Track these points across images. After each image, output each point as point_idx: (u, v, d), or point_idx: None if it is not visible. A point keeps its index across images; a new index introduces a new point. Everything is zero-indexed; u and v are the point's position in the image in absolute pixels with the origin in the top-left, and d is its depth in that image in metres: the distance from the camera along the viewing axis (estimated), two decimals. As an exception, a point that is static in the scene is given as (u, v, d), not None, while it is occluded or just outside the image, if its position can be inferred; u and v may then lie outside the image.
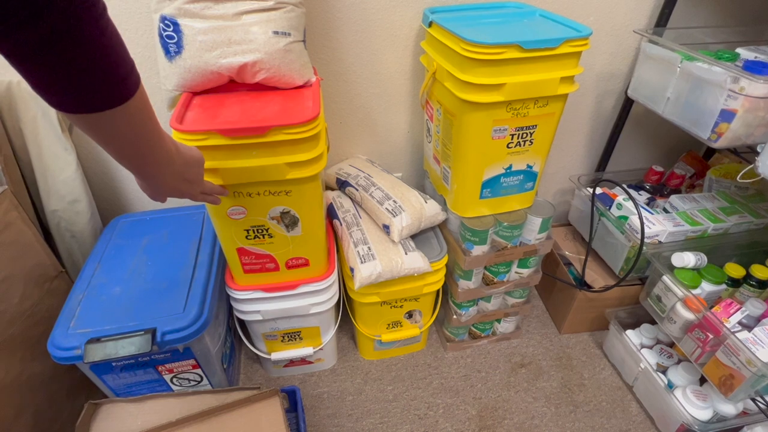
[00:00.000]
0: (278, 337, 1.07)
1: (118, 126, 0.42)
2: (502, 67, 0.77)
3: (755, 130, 0.85)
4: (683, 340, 0.98)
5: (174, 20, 0.73)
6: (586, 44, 0.79)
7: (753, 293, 1.00)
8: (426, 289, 1.05)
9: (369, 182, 1.06)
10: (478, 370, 1.22)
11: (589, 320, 1.28)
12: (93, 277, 0.90)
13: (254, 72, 0.77)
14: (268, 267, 0.91)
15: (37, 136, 0.92)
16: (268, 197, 0.79)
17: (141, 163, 0.49)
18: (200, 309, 0.84)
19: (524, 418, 1.11)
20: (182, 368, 0.89)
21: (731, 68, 0.83)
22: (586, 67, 1.16)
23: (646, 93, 1.06)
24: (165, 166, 0.52)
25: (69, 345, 0.76)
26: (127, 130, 0.43)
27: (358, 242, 0.99)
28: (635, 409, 1.13)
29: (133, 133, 0.44)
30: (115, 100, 0.40)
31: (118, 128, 0.42)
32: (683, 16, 1.12)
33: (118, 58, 0.39)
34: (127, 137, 0.44)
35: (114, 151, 0.46)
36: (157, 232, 1.02)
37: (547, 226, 1.02)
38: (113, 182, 1.11)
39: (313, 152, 0.75)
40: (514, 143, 0.89)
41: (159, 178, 0.54)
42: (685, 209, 1.12)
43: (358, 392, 1.15)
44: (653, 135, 1.37)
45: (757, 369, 0.81)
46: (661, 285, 1.03)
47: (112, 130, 0.42)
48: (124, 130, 0.43)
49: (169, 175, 0.54)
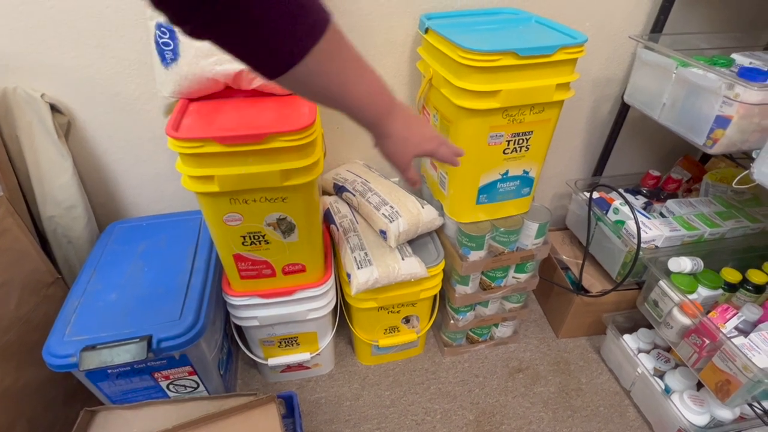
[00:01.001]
0: (275, 343, 1.07)
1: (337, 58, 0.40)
2: (498, 74, 0.77)
3: (750, 136, 0.85)
4: (680, 345, 0.98)
5: (170, 27, 0.73)
6: (582, 51, 0.79)
7: (749, 298, 1.01)
8: (423, 295, 1.05)
9: (366, 187, 1.06)
10: (476, 375, 1.21)
11: (586, 325, 1.28)
12: (89, 283, 0.90)
13: (250, 78, 0.77)
14: (265, 273, 0.91)
15: (33, 142, 0.92)
16: (265, 204, 0.79)
17: (376, 93, 0.46)
18: (196, 315, 0.84)
19: (522, 423, 1.10)
20: (178, 375, 0.89)
21: (726, 75, 0.83)
22: (583, 73, 1.16)
23: (642, 99, 1.06)
24: (393, 98, 0.49)
25: (64, 352, 0.76)
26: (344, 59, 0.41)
27: (355, 248, 0.99)
28: (632, 414, 1.13)
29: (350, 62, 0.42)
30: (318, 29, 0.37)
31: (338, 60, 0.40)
32: (679, 22, 1.13)
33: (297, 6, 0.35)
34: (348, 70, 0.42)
35: (347, 91, 0.43)
36: (154, 237, 1.02)
37: (543, 232, 1.03)
38: (110, 188, 1.11)
39: (309, 159, 0.75)
40: (511, 149, 0.89)
41: (397, 116, 0.50)
42: (682, 214, 1.12)
43: (356, 397, 1.15)
44: (650, 139, 1.37)
45: (753, 375, 0.81)
46: (657, 290, 1.04)
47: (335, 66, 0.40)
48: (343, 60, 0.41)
49: (401, 110, 0.51)
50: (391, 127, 0.51)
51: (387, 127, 0.50)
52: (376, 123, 0.49)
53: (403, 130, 0.52)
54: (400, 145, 0.53)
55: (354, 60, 0.43)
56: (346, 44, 0.41)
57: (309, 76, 0.39)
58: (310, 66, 0.37)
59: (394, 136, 0.52)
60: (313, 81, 0.40)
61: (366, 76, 0.45)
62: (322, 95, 0.42)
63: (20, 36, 0.87)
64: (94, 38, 0.89)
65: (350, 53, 0.42)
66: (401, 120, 0.51)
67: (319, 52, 0.37)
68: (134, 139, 1.04)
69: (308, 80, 0.39)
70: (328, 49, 0.38)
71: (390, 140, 0.52)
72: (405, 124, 0.52)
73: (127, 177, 1.10)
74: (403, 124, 0.52)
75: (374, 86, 0.46)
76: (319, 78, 0.40)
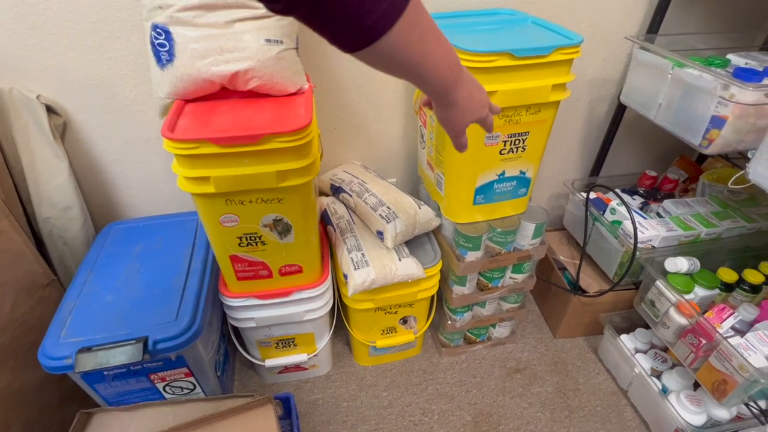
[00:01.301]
0: (272, 344, 1.07)
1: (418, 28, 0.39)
2: (494, 75, 0.77)
3: (746, 136, 0.86)
4: (677, 345, 0.98)
5: (166, 28, 0.73)
6: (578, 52, 0.79)
7: (746, 298, 1.01)
8: (420, 295, 1.05)
9: (363, 188, 1.06)
10: (473, 375, 1.21)
11: (583, 325, 1.29)
12: (85, 285, 0.90)
13: (246, 80, 0.77)
14: (262, 274, 0.91)
15: (29, 143, 0.92)
16: (261, 205, 0.79)
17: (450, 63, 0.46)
18: (193, 317, 0.83)
19: (519, 423, 1.10)
20: (175, 376, 0.88)
21: (721, 75, 0.83)
22: (580, 73, 1.17)
23: (638, 99, 1.06)
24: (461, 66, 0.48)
25: (60, 354, 0.76)
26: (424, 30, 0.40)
27: (352, 248, 0.99)
28: (630, 414, 1.13)
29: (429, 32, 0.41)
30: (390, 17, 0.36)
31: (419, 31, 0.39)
32: (675, 23, 1.13)
33: None
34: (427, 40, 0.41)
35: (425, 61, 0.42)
36: (150, 239, 1.02)
37: (540, 232, 1.03)
38: (106, 189, 1.11)
39: (305, 160, 0.75)
40: (507, 150, 0.89)
41: (463, 85, 0.49)
42: (678, 214, 1.12)
43: (353, 398, 1.15)
44: (646, 140, 1.37)
45: (749, 375, 0.81)
46: (654, 290, 1.04)
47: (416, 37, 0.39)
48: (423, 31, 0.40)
49: (466, 77, 0.50)
50: (458, 96, 0.50)
51: (455, 95, 0.50)
52: (446, 92, 0.49)
53: (468, 97, 0.51)
54: (461, 114, 0.53)
55: (432, 29, 0.42)
56: (425, 14, 0.40)
57: (392, 48, 0.38)
58: (394, 38, 0.37)
59: (459, 104, 0.51)
60: (396, 53, 0.39)
61: (442, 46, 0.44)
62: (402, 66, 0.42)
63: (16, 37, 0.86)
64: (90, 39, 0.89)
65: (429, 23, 0.41)
66: (467, 88, 0.51)
67: (403, 24, 0.37)
68: (130, 140, 1.04)
69: (391, 52, 0.39)
70: (410, 21, 0.37)
71: (455, 109, 0.52)
72: (469, 92, 0.51)
73: (123, 178, 1.10)
74: (468, 91, 0.51)
75: (449, 56, 0.46)
76: (402, 50, 0.39)
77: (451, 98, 0.50)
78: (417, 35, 0.39)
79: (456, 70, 0.48)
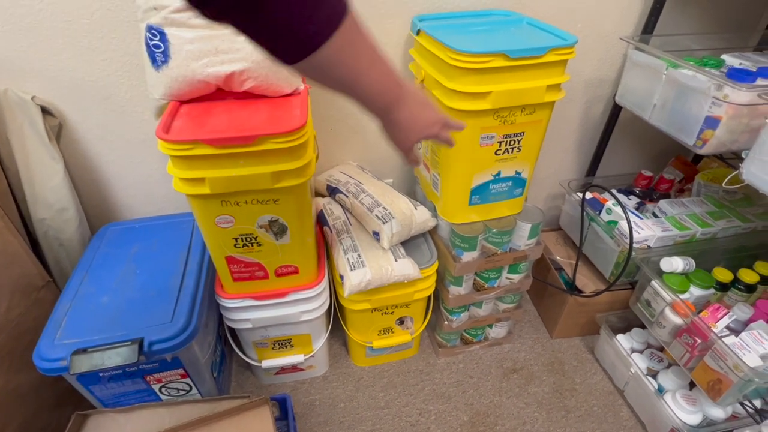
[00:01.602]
0: (269, 345, 1.07)
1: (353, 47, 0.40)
2: (489, 76, 0.77)
3: (739, 136, 0.86)
4: (672, 345, 0.99)
5: (160, 30, 0.73)
6: (572, 53, 0.79)
7: (741, 297, 1.01)
8: (417, 296, 1.05)
9: (359, 189, 1.06)
10: (470, 375, 1.22)
11: (580, 325, 1.29)
12: (80, 286, 0.90)
13: (242, 80, 0.77)
14: (258, 275, 0.91)
15: (24, 144, 0.92)
16: (256, 206, 0.79)
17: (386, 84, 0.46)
18: (188, 318, 0.83)
19: (516, 423, 1.11)
20: (171, 378, 0.88)
21: (715, 76, 0.84)
22: (575, 74, 1.17)
23: (634, 99, 1.07)
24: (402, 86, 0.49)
25: (54, 356, 0.76)
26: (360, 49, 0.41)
27: (348, 249, 0.99)
28: (626, 413, 1.13)
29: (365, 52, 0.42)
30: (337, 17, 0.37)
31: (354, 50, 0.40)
32: (670, 23, 1.13)
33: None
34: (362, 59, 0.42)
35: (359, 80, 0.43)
36: (146, 240, 1.02)
37: (536, 232, 1.03)
38: (102, 190, 1.11)
39: (300, 161, 0.75)
40: (502, 150, 0.89)
41: (405, 104, 0.50)
42: (674, 214, 1.13)
43: (350, 399, 1.15)
44: (642, 140, 1.38)
45: (744, 374, 0.81)
46: (650, 290, 1.04)
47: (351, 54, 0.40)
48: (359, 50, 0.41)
49: (409, 96, 0.50)
50: (399, 115, 0.51)
51: (395, 114, 0.50)
52: (385, 111, 0.50)
53: (410, 117, 0.52)
54: (405, 132, 0.53)
55: (370, 50, 0.43)
56: (364, 33, 0.41)
57: (326, 63, 0.39)
58: (327, 54, 0.38)
59: (400, 123, 0.52)
60: (330, 69, 0.40)
61: (379, 66, 0.45)
62: (338, 81, 0.43)
63: (11, 38, 0.86)
64: (85, 40, 0.89)
65: (367, 43, 0.42)
66: (409, 107, 0.51)
67: (337, 40, 0.37)
68: (126, 142, 1.04)
69: (324, 68, 0.40)
70: (346, 38, 0.38)
71: (396, 127, 0.52)
72: (412, 111, 0.52)
73: (118, 179, 1.10)
74: (410, 111, 0.52)
75: (387, 76, 0.46)
76: (336, 66, 0.40)
77: (392, 117, 0.50)
78: (354, 50, 0.40)
79: (396, 90, 0.48)
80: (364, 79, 0.44)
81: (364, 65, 0.43)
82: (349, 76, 0.43)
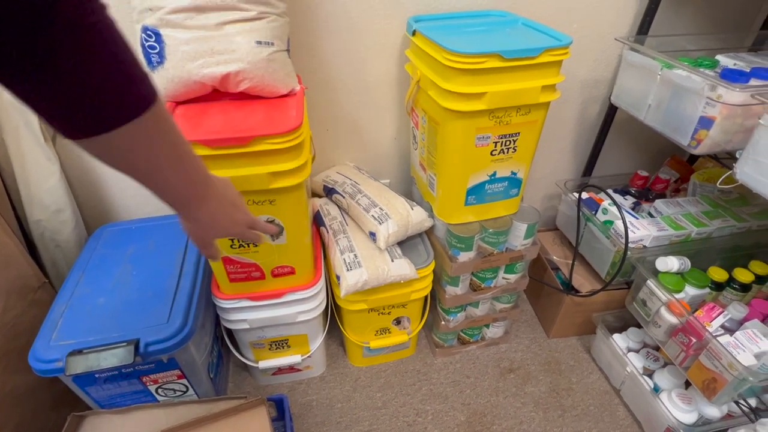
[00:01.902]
0: (266, 346, 1.07)
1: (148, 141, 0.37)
2: (484, 76, 0.78)
3: (733, 136, 0.86)
4: (668, 344, 0.99)
5: (156, 30, 0.73)
6: (567, 53, 0.80)
7: (736, 297, 1.02)
8: (413, 296, 1.05)
9: (356, 189, 1.06)
10: (467, 375, 1.22)
11: (577, 324, 1.29)
12: (77, 287, 0.90)
13: (237, 81, 0.77)
14: (254, 276, 0.91)
15: (20, 146, 0.92)
16: (252, 206, 0.79)
17: (185, 182, 0.43)
18: (184, 319, 0.83)
19: (513, 423, 1.11)
20: (167, 379, 0.88)
21: (709, 76, 0.84)
22: (571, 74, 1.17)
23: (629, 100, 1.07)
24: (207, 186, 0.46)
25: (50, 357, 0.76)
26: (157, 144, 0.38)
27: (345, 250, 0.99)
28: (622, 412, 1.13)
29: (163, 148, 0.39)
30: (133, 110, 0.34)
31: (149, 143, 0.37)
32: (665, 24, 1.14)
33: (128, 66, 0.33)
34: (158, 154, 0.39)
35: (152, 173, 0.40)
36: (143, 241, 1.02)
37: (532, 232, 1.03)
38: (98, 191, 1.10)
39: (296, 161, 0.75)
40: (498, 151, 0.90)
41: (207, 203, 0.47)
42: (669, 213, 1.13)
43: (347, 399, 1.15)
44: (638, 140, 1.38)
45: (738, 373, 0.81)
46: (646, 289, 1.04)
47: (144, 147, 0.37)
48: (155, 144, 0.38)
49: (214, 197, 0.47)
50: (198, 213, 0.48)
51: (193, 212, 0.47)
52: (181, 208, 0.46)
53: (212, 217, 0.49)
54: (202, 230, 0.51)
55: (171, 147, 0.40)
56: (166, 130, 0.38)
57: (114, 148, 0.36)
58: (117, 139, 0.34)
59: (199, 221, 0.49)
60: (116, 154, 0.37)
61: (182, 166, 0.42)
62: (125, 170, 0.39)
63: (6, 39, 0.86)
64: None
65: (167, 139, 0.39)
66: (213, 206, 0.48)
67: (132, 131, 0.34)
68: (123, 143, 1.04)
69: (111, 152, 0.36)
70: (141, 131, 0.35)
71: (194, 224, 0.49)
72: (216, 211, 0.49)
73: (115, 180, 1.10)
74: (213, 210, 0.48)
75: (188, 176, 0.43)
76: (129, 153, 0.37)
77: (189, 214, 0.48)
78: (147, 148, 0.37)
79: (198, 190, 0.46)
80: (159, 175, 0.41)
81: (162, 163, 0.40)
82: (141, 169, 0.39)
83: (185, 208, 0.47)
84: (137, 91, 0.34)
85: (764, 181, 0.76)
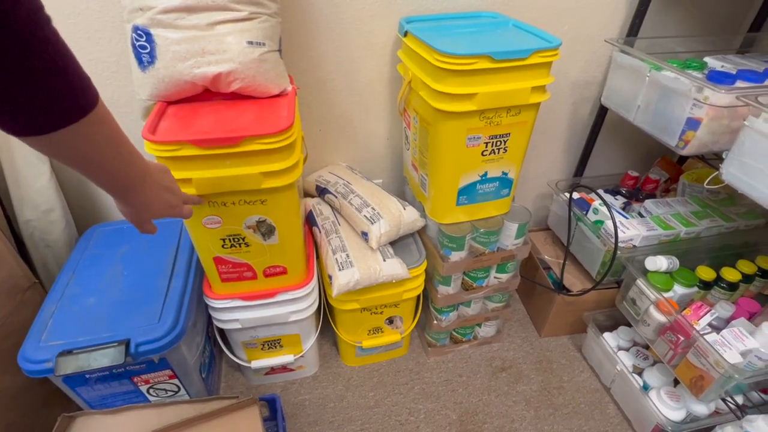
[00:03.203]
0: (258, 345, 1.07)
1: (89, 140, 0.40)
2: (474, 77, 0.78)
3: (720, 137, 0.88)
4: (657, 342, 1.00)
5: (147, 30, 0.73)
6: (556, 55, 0.80)
7: (723, 295, 1.03)
8: (406, 295, 1.06)
9: (348, 189, 1.06)
10: (460, 374, 1.22)
11: (568, 323, 1.30)
12: (67, 287, 0.89)
13: (229, 82, 0.77)
14: (246, 275, 0.91)
15: (10, 145, 0.91)
16: (244, 206, 0.79)
17: (121, 175, 0.47)
18: (176, 319, 0.83)
19: (504, 421, 1.12)
20: (158, 379, 0.88)
21: (696, 78, 0.85)
22: (562, 75, 1.19)
23: (618, 101, 1.08)
24: (144, 176, 0.50)
25: (40, 358, 0.75)
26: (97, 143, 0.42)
27: (337, 249, 1.00)
28: (612, 410, 1.14)
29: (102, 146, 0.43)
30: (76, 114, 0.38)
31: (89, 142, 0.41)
32: (655, 26, 1.15)
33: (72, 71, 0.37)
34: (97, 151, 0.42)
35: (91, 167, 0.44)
36: (134, 241, 1.01)
37: (523, 232, 1.04)
38: (89, 191, 1.10)
39: (287, 161, 0.75)
40: (489, 151, 0.90)
41: (142, 192, 0.51)
42: (659, 213, 1.14)
43: (340, 399, 1.15)
44: (629, 141, 1.40)
45: (724, 370, 0.83)
46: (635, 288, 1.06)
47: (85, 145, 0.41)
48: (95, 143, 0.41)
49: (149, 185, 0.52)
50: (134, 200, 0.52)
51: (129, 199, 0.51)
52: (118, 195, 0.50)
53: (146, 201, 0.53)
54: (138, 213, 0.54)
55: (110, 145, 0.44)
56: (105, 130, 0.42)
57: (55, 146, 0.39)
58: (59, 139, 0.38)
59: (135, 206, 0.53)
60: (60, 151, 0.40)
61: (119, 162, 0.46)
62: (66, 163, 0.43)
63: (-5, 38, 0.85)
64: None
65: (107, 138, 0.43)
66: (147, 193, 0.52)
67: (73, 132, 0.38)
68: (114, 142, 1.03)
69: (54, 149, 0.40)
70: (81, 132, 0.39)
71: (131, 209, 0.53)
72: (150, 196, 0.53)
73: (107, 180, 1.09)
74: (148, 196, 0.52)
75: (125, 170, 0.47)
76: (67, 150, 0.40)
77: (125, 200, 0.51)
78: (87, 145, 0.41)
79: (137, 181, 0.49)
80: (97, 168, 0.45)
81: (101, 156, 0.43)
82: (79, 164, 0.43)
83: (122, 196, 0.50)
84: (79, 99, 0.38)
85: (749, 181, 0.77)
